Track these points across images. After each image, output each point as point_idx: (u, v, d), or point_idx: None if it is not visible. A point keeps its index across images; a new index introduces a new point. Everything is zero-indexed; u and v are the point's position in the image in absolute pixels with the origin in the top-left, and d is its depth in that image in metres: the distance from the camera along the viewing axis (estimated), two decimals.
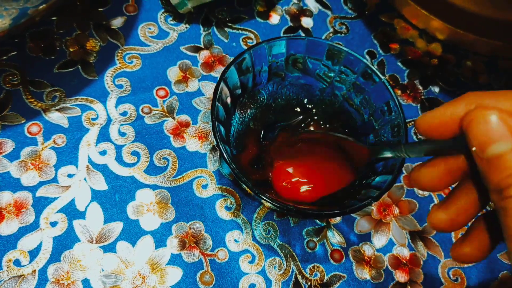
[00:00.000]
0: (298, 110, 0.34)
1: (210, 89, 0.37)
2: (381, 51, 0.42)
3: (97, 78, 0.35)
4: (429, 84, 0.41)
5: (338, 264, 0.32)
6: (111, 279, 0.29)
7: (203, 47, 0.39)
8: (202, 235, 0.31)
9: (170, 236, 0.31)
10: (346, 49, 0.30)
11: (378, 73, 0.30)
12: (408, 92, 0.40)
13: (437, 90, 0.41)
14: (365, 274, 0.32)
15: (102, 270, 0.29)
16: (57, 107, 0.34)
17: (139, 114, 0.35)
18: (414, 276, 0.32)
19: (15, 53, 0.35)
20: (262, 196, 0.25)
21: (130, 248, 0.30)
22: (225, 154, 0.26)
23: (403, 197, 0.35)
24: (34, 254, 0.29)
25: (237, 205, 0.33)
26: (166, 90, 0.36)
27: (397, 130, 0.29)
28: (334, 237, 0.33)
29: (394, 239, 0.33)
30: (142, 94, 0.35)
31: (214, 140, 0.27)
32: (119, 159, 0.33)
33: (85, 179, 0.31)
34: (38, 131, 0.33)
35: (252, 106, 0.33)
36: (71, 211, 0.30)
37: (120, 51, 0.37)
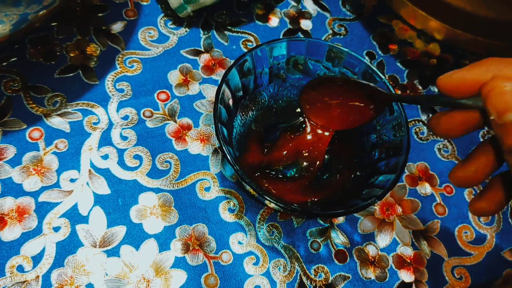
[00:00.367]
0: (299, 111, 0.34)
1: (211, 92, 0.37)
2: (380, 52, 0.43)
3: (98, 82, 0.35)
4: (428, 84, 0.42)
5: (342, 264, 0.32)
6: (115, 284, 0.29)
7: (203, 50, 0.39)
8: (205, 238, 0.31)
9: (174, 239, 0.31)
10: (346, 49, 0.30)
11: (379, 73, 0.30)
12: (408, 92, 0.41)
13: (436, 89, 0.41)
14: (369, 274, 0.32)
15: (106, 275, 0.29)
16: (58, 112, 0.34)
17: (141, 117, 0.35)
18: (419, 275, 0.32)
19: (16, 59, 0.35)
20: (266, 196, 0.25)
21: (134, 252, 0.30)
22: (228, 156, 0.26)
23: (406, 196, 0.35)
24: (37, 259, 0.29)
25: (240, 207, 0.33)
26: (167, 93, 0.36)
27: (398, 130, 0.29)
28: (338, 237, 0.33)
29: (397, 239, 0.33)
30: (143, 98, 0.35)
31: (217, 142, 0.27)
32: (122, 163, 0.33)
33: (87, 184, 0.31)
34: (39, 136, 0.32)
35: (253, 108, 0.33)
36: (74, 216, 0.30)
37: (120, 56, 0.37)
